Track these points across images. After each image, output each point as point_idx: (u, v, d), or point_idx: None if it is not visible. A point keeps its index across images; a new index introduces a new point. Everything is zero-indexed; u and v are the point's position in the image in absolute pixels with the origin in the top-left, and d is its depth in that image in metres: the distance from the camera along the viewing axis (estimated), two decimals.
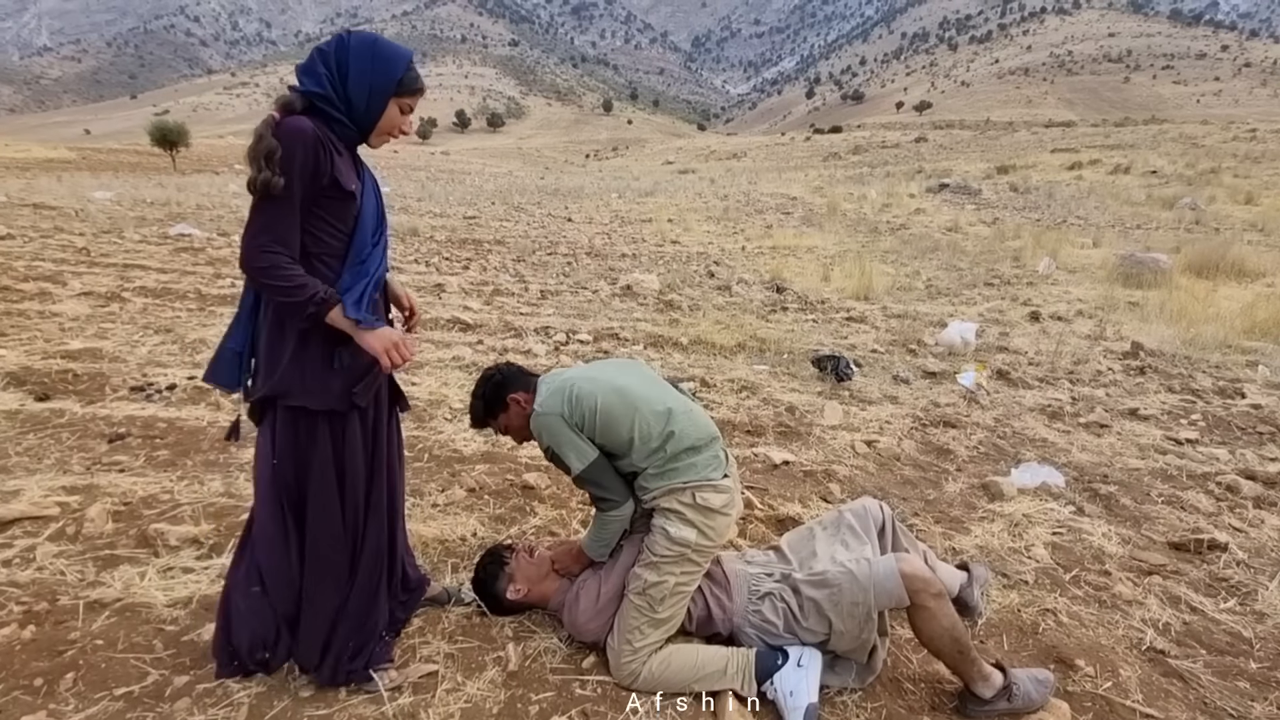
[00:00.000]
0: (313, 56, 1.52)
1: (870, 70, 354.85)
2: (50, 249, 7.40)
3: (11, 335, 4.28)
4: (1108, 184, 21.83)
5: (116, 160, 31.41)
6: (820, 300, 7.29)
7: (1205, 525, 2.95)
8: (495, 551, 2.07)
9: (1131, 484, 3.31)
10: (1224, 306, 6.79)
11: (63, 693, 1.62)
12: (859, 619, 1.73)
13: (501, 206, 17.05)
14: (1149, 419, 4.18)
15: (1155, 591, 2.44)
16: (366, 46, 1.52)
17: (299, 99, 1.49)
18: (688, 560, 1.80)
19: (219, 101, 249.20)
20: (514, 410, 1.94)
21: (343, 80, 1.50)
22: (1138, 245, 10.60)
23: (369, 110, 1.53)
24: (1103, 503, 3.13)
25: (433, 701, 1.68)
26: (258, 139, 1.44)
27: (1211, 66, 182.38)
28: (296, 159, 1.43)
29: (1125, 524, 2.94)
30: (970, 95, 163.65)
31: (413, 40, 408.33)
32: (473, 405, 1.99)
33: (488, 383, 1.97)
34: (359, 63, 1.50)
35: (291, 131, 1.44)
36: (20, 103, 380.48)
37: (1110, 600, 2.39)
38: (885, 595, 1.71)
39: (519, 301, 6.70)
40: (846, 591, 1.74)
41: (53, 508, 2.38)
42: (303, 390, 1.56)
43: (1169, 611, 2.33)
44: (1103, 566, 2.60)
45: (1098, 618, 2.28)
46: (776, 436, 3.72)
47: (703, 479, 1.82)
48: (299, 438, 1.60)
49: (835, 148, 55.78)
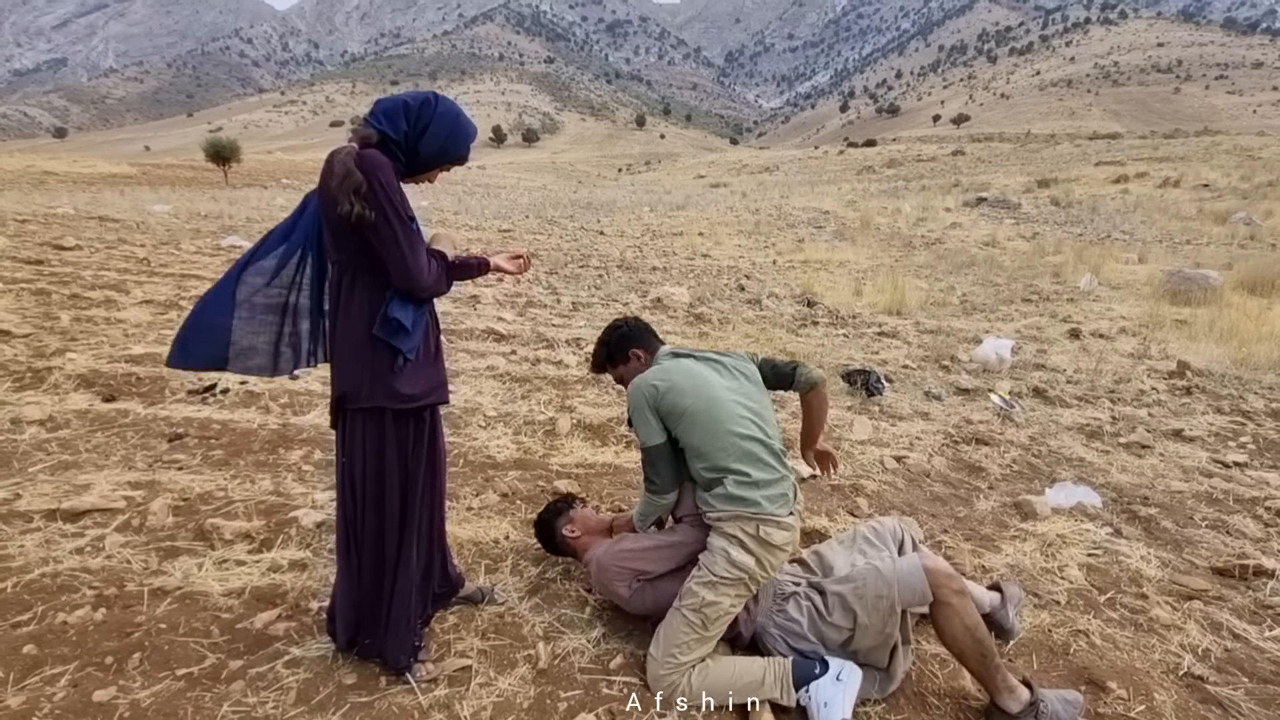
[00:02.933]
0: (399, 104, 1.66)
1: (906, 83, 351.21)
2: (114, 259, 7.83)
3: (81, 340, 4.56)
4: (1155, 198, 21.15)
5: (174, 175, 32.96)
6: (852, 315, 7.26)
7: (1252, 551, 2.85)
8: (567, 496, 2.36)
9: (1174, 507, 3.22)
10: (1279, 326, 6.54)
11: (130, 671, 1.75)
12: (883, 612, 1.76)
13: (535, 220, 17.37)
14: (1194, 440, 4.06)
15: (1195, 617, 2.38)
16: (450, 119, 1.70)
17: (374, 134, 1.63)
18: (744, 585, 1.84)
19: (269, 119, 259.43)
20: (633, 364, 2.10)
21: (419, 135, 1.66)
22: (1186, 261, 10.26)
23: (426, 165, 1.72)
24: (1142, 525, 3.06)
25: (466, 694, 1.75)
26: (346, 174, 1.56)
27: (1269, 76, 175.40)
28: (387, 186, 1.59)
29: (1165, 547, 2.87)
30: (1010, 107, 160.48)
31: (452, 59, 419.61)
32: (596, 350, 2.15)
33: (614, 331, 2.12)
34: (438, 129, 1.68)
35: (378, 163, 1.59)
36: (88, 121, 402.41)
37: (1147, 624, 2.34)
38: (909, 590, 1.74)
39: (551, 313, 6.84)
40: (871, 585, 1.79)
41: (119, 501, 2.55)
42: (381, 392, 1.68)
43: (1209, 637, 2.27)
44: (1140, 590, 2.54)
45: (1133, 641, 2.24)
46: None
47: (769, 514, 1.84)
48: (368, 435, 1.72)
49: (869, 161, 55.29)
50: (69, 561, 2.19)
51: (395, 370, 1.69)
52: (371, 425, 1.71)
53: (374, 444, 1.72)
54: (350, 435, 1.72)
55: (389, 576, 1.78)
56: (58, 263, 7.23)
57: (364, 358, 1.68)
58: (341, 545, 1.79)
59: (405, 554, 1.79)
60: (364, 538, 1.76)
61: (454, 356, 5.10)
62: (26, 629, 1.87)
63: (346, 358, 1.69)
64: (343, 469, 1.74)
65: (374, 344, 1.67)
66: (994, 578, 2.51)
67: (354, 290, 1.66)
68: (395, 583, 1.79)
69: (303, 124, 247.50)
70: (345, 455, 1.73)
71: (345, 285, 1.67)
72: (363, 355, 1.68)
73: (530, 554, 2.50)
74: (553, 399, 4.30)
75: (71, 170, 29.70)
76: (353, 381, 1.68)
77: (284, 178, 33.99)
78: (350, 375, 1.69)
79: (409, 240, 1.62)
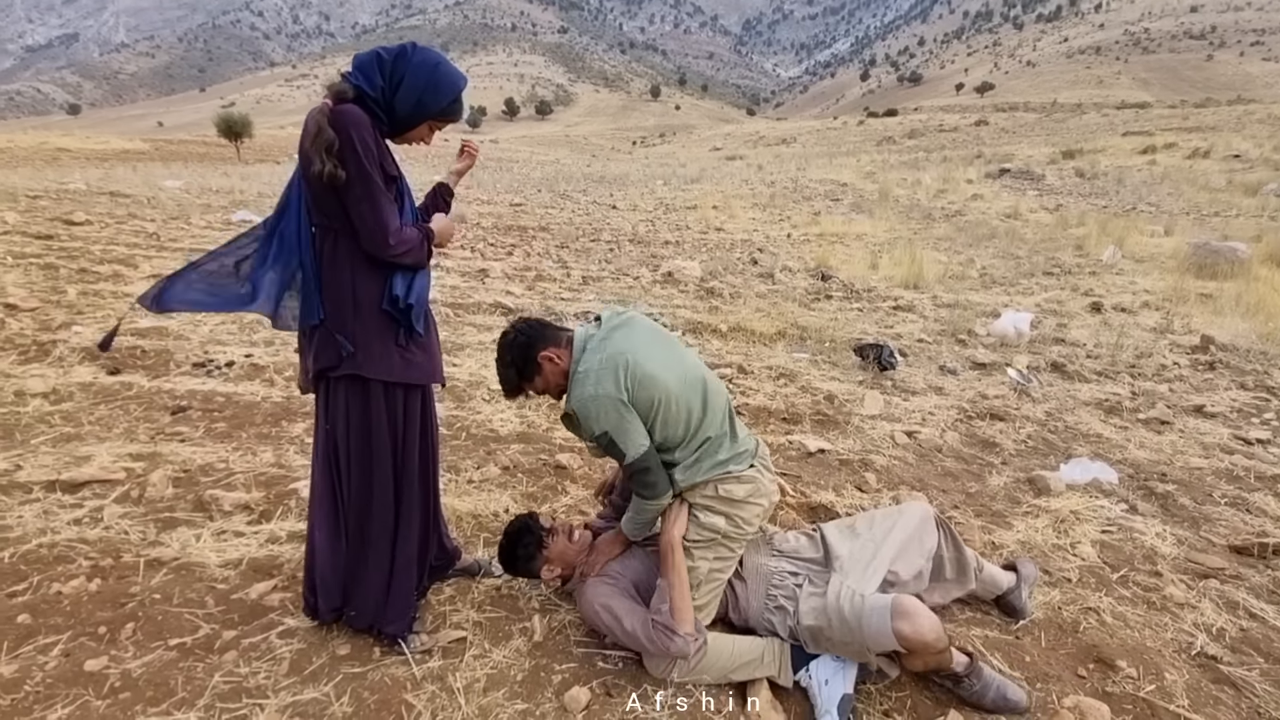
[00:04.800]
0: (373, 57, 1.56)
1: (929, 51, 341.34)
2: (124, 234, 7.85)
3: (88, 313, 4.58)
4: (1184, 169, 20.47)
5: (186, 151, 33.06)
6: (867, 288, 7.12)
7: (1272, 529, 2.76)
8: (535, 532, 1.94)
9: (1192, 484, 3.13)
10: None
11: (123, 640, 1.75)
12: (853, 649, 1.70)
13: (547, 194, 17.21)
14: (1216, 417, 3.94)
15: (1211, 595, 2.31)
16: (427, 67, 1.56)
17: (350, 88, 1.54)
18: (720, 545, 1.79)
19: (281, 93, 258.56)
20: (548, 369, 1.76)
21: (394, 89, 1.55)
22: (1214, 234, 9.94)
23: (407, 121, 1.60)
24: (1159, 502, 2.98)
25: (460, 666, 1.74)
26: (318, 131, 1.49)
27: None
28: (360, 143, 1.50)
29: (1182, 524, 2.79)
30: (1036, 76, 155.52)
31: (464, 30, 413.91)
32: (503, 376, 1.79)
33: (513, 346, 1.76)
34: (414, 80, 1.55)
35: (350, 119, 1.50)
36: (100, 97, 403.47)
37: (1160, 602, 2.27)
38: (875, 641, 1.65)
39: (560, 287, 6.77)
40: (838, 632, 1.69)
41: (119, 473, 2.55)
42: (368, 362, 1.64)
43: (1224, 616, 2.20)
44: (1154, 567, 2.47)
45: (1145, 619, 2.17)
46: (813, 425, 3.67)
47: (724, 472, 1.79)
48: (352, 404, 1.68)
49: (890, 132, 54.06)
50: (66, 532, 2.19)
51: (399, 344, 1.66)
52: (356, 393, 1.67)
53: (359, 413, 1.68)
54: (333, 403, 1.68)
55: (390, 548, 1.76)
56: (67, 238, 7.26)
57: (346, 325, 1.62)
58: (325, 515, 1.75)
59: (404, 526, 1.77)
60: (351, 508, 1.73)
61: (461, 330, 5.06)
62: (21, 599, 1.88)
63: (331, 325, 1.64)
64: (326, 436, 1.70)
65: (359, 312, 1.62)
66: (1008, 556, 2.44)
67: (336, 254, 1.61)
68: (396, 555, 1.76)
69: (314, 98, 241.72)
70: (329, 422, 1.69)
71: (328, 250, 1.62)
72: (345, 322, 1.62)
73: None
74: None
75: (84, 146, 29.86)
76: (335, 351, 1.63)
77: (295, 153, 33.96)
78: (332, 344, 1.64)
79: (376, 200, 1.53)
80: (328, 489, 1.74)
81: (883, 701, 1.75)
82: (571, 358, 1.75)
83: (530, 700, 1.65)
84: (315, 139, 1.48)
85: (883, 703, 1.75)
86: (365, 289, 1.62)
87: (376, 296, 1.63)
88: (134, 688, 1.58)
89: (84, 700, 1.55)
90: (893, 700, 1.76)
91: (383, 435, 1.70)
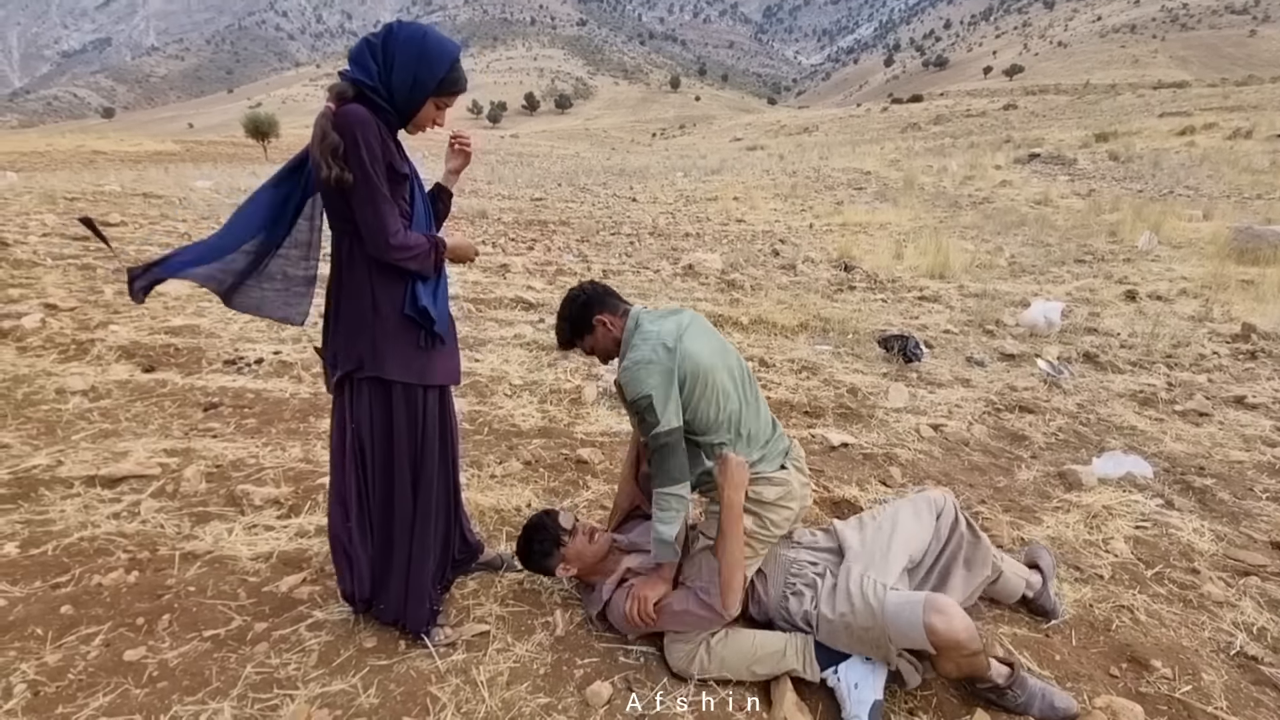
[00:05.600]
0: (362, 44, 1.54)
1: (955, 34, 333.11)
2: (158, 234, 8.05)
3: (124, 313, 4.71)
4: (1224, 150, 19.70)
5: (216, 151, 33.72)
6: (891, 279, 7.01)
7: None
8: (551, 530, 1.90)
9: (1232, 478, 3.03)
10: None
11: (160, 632, 1.81)
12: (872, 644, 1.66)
13: (568, 188, 17.23)
14: (1257, 408, 3.81)
15: (1251, 594, 2.24)
16: (415, 41, 1.52)
17: (350, 86, 1.53)
18: (746, 546, 1.77)
19: (306, 93, 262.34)
20: (600, 333, 1.87)
21: (389, 71, 1.52)
22: (1256, 217, 9.57)
23: (409, 103, 1.56)
24: (1196, 496, 2.89)
25: (484, 659, 1.76)
26: (322, 135, 1.48)
27: None
28: (364, 145, 1.48)
29: (1221, 520, 2.70)
30: (1068, 56, 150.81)
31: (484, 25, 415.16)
32: (559, 327, 1.92)
33: (574, 303, 1.88)
34: (404, 56, 1.51)
35: (353, 120, 1.48)
36: (132, 100, 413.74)
37: (1197, 600, 2.21)
38: (902, 636, 1.60)
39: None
40: (860, 619, 1.66)
41: (155, 468, 2.63)
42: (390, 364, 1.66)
43: (1265, 615, 2.13)
44: (1191, 564, 2.40)
45: (1181, 618, 2.12)
46: (836, 418, 3.63)
47: (756, 473, 1.79)
48: (378, 407, 1.70)
49: (915, 118, 52.99)
50: (106, 526, 2.27)
51: (417, 347, 1.68)
52: (379, 394, 1.69)
53: (382, 412, 1.70)
54: (357, 403, 1.70)
55: (408, 546, 1.78)
56: None
57: (367, 328, 1.64)
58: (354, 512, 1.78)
59: (422, 523, 1.79)
60: (375, 505, 1.76)
61: (482, 325, 5.10)
62: (64, 590, 1.95)
63: (352, 328, 1.66)
64: (351, 435, 1.73)
65: (379, 315, 1.64)
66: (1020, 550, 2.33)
67: (354, 257, 1.62)
68: (413, 551, 1.79)
69: None
70: (354, 422, 1.71)
71: (345, 253, 1.64)
72: (366, 326, 1.64)
73: None
74: (579, 367, 4.27)
75: (119, 149, 30.65)
76: (357, 354, 1.65)
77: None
78: (355, 347, 1.66)
79: (377, 203, 1.52)
80: (354, 486, 1.76)
81: (908, 700, 1.73)
82: (624, 328, 1.86)
83: (552, 694, 1.66)
84: (321, 144, 1.48)
85: (908, 701, 1.73)
86: (384, 292, 1.63)
87: (397, 299, 1.64)
88: (171, 677, 1.64)
89: (124, 689, 1.60)
90: (918, 699, 1.74)
91: (403, 435, 1.72)
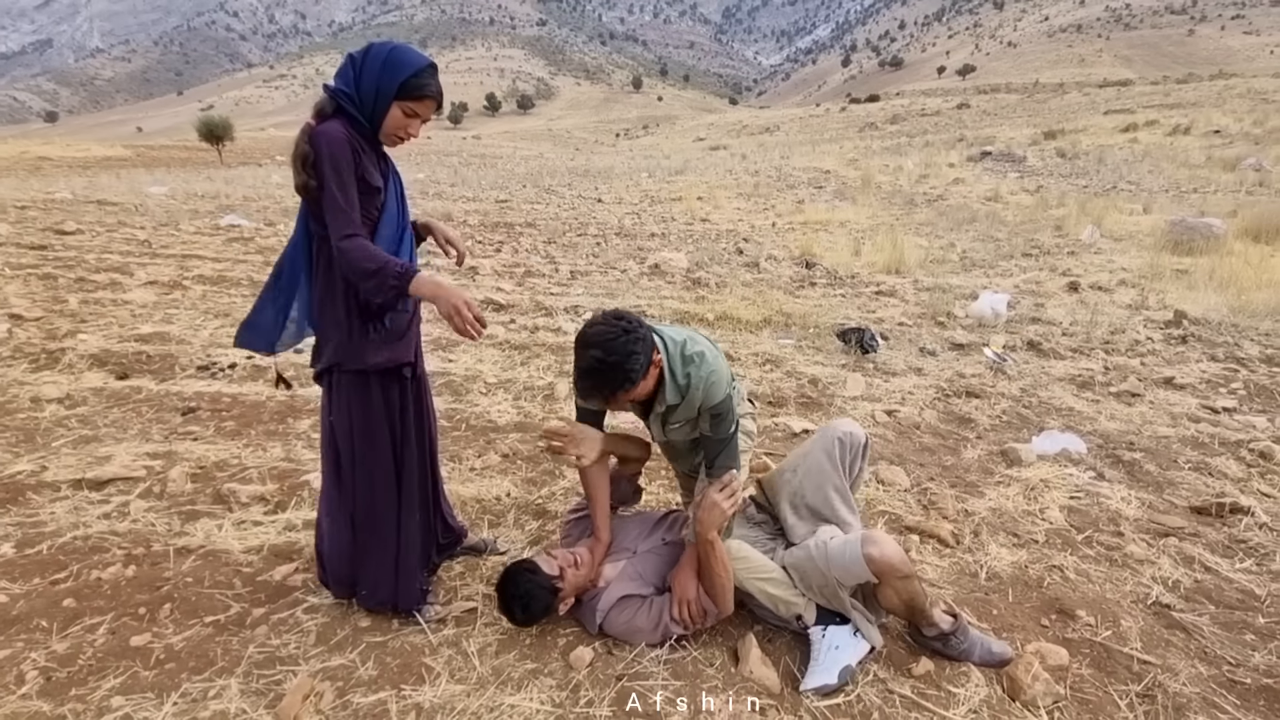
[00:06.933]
0: (345, 60, 1.70)
1: (910, 34, 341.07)
2: (116, 242, 7.90)
3: (91, 321, 4.67)
4: (1165, 146, 20.74)
5: (168, 156, 32.73)
6: (850, 275, 7.27)
7: (1232, 490, 2.92)
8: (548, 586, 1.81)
9: (1158, 451, 3.30)
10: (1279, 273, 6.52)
11: (162, 619, 1.90)
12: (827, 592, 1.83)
13: (532, 189, 17.25)
14: (1185, 388, 4.11)
15: (1169, 552, 2.47)
16: (384, 52, 1.66)
17: (329, 102, 1.68)
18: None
19: (259, 95, 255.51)
20: (652, 374, 1.74)
21: (359, 78, 1.66)
22: (1191, 210, 10.14)
23: (375, 110, 1.67)
24: (1125, 469, 3.13)
25: (473, 633, 1.90)
26: (296, 146, 1.65)
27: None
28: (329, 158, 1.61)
29: (1147, 489, 2.95)
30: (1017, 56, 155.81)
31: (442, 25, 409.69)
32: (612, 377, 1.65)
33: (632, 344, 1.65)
34: (372, 65, 1.65)
35: (325, 136, 1.62)
36: (78, 104, 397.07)
37: (1121, 559, 2.43)
38: (848, 575, 1.78)
39: (550, 282, 6.89)
40: (812, 574, 1.83)
41: (140, 470, 2.69)
42: (351, 356, 1.77)
43: (1181, 570, 2.36)
44: (1117, 528, 2.63)
45: (1106, 575, 2.34)
46: (798, 407, 3.83)
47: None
48: (353, 398, 1.82)
49: (872, 117, 54.21)
50: (98, 525, 2.33)
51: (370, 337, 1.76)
52: (357, 386, 1.80)
53: (360, 404, 1.81)
54: (337, 396, 1.82)
55: (395, 532, 1.89)
56: (60, 247, 7.32)
57: (343, 327, 1.76)
58: (330, 502, 1.90)
59: (407, 508, 1.90)
60: (357, 494, 1.87)
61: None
62: (65, 585, 2.02)
63: (330, 327, 1.78)
64: (330, 428, 1.84)
65: (349, 313, 1.75)
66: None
67: (330, 261, 1.73)
68: (401, 536, 1.90)
69: (294, 99, 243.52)
70: (333, 414, 1.83)
71: (323, 257, 1.75)
72: (341, 324, 1.76)
73: (530, 509, 2.63)
74: (551, 364, 4.40)
75: (65, 154, 29.54)
76: (336, 350, 1.77)
77: (278, 155, 33.66)
78: (333, 344, 1.78)
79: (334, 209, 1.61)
80: (333, 477, 1.88)
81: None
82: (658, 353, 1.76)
83: (539, 660, 1.80)
84: (295, 152, 1.64)
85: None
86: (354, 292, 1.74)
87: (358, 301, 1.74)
88: (177, 659, 1.73)
89: (133, 671, 1.69)
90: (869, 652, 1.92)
91: (381, 424, 1.83)
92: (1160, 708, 1.73)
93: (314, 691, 1.62)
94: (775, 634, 1.96)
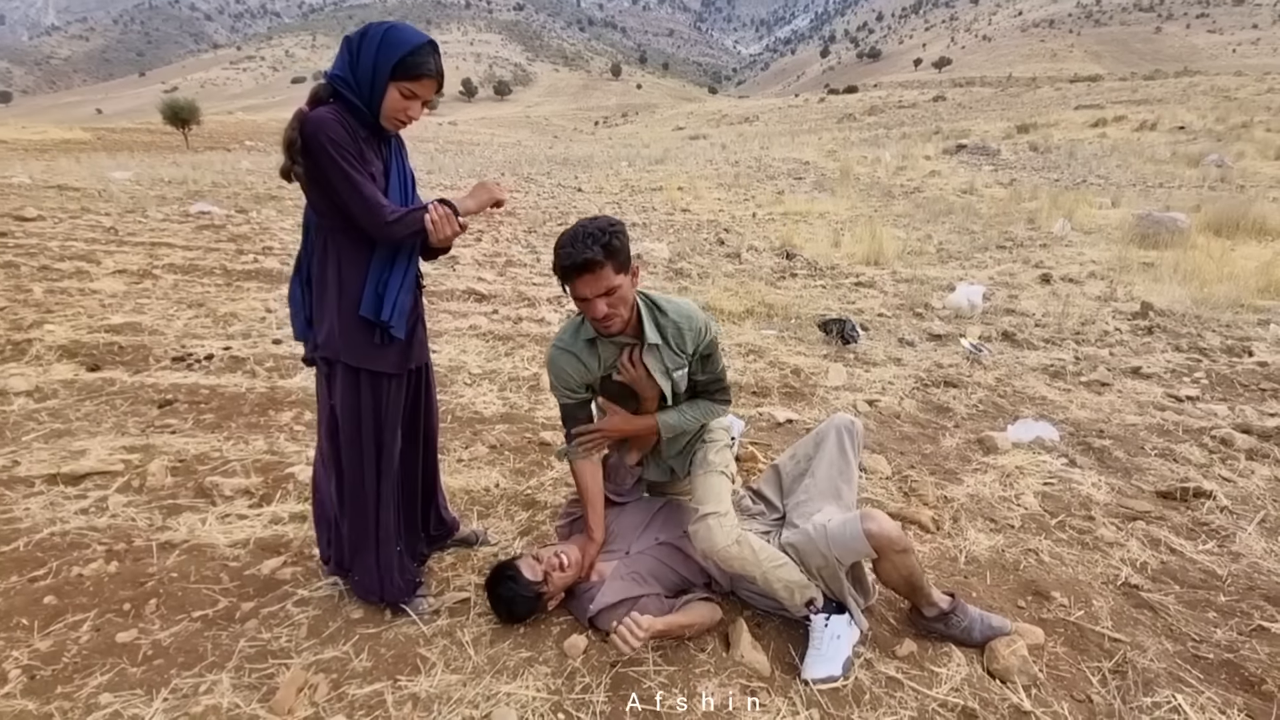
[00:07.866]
0: (342, 43, 1.66)
1: (888, 26, 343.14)
2: (80, 229, 7.64)
3: (58, 312, 4.53)
4: (1132, 141, 21.24)
5: (131, 140, 31.64)
6: (830, 266, 7.35)
7: (1195, 475, 3.03)
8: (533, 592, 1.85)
9: (1126, 438, 3.41)
10: (1240, 266, 6.73)
11: (148, 615, 1.87)
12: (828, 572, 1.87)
13: (511, 177, 17.07)
14: (1151, 377, 4.25)
15: (1137, 535, 2.57)
16: (381, 31, 1.62)
17: (325, 88, 1.64)
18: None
19: (226, 77, 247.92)
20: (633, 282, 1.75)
21: (355, 60, 1.62)
22: (1157, 204, 10.41)
23: (372, 91, 1.63)
24: (1095, 455, 3.24)
25: (467, 623, 1.91)
26: (286, 131, 1.62)
27: (1250, 13, 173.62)
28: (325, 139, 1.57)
29: (1116, 475, 3.06)
30: (992, 50, 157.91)
31: (416, 7, 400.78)
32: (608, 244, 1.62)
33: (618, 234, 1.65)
34: (368, 46, 1.60)
35: (315, 120, 1.58)
36: (32, 84, 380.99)
37: (1092, 542, 2.53)
38: (849, 552, 1.82)
39: (531, 272, 6.85)
40: (812, 555, 1.86)
41: (117, 464, 2.63)
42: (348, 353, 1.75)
43: (1148, 552, 2.46)
44: (1088, 513, 2.73)
45: (1078, 557, 2.43)
46: (781, 397, 3.88)
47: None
48: (348, 388, 1.80)
49: (850, 109, 54.56)
50: (75, 521, 2.28)
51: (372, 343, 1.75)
52: (349, 376, 1.79)
53: (350, 393, 1.79)
54: (332, 383, 1.80)
55: (372, 520, 1.88)
56: (21, 234, 7.06)
57: (339, 320, 1.74)
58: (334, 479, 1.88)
59: (384, 499, 1.88)
60: (345, 479, 1.86)
61: (436, 317, 5.14)
62: (44, 582, 1.98)
63: (328, 318, 1.75)
64: (329, 411, 1.83)
65: (343, 309, 1.72)
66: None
67: (328, 252, 1.72)
68: (379, 528, 1.88)
69: (263, 81, 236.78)
70: (332, 399, 1.82)
71: (320, 248, 1.73)
72: (335, 317, 1.74)
73: (520, 500, 2.64)
74: (536, 355, 4.39)
75: (21, 137, 28.41)
76: (332, 343, 1.75)
77: (247, 139, 32.80)
78: (330, 337, 1.75)
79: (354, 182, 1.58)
80: (333, 459, 1.86)
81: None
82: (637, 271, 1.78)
83: (534, 649, 1.82)
84: (284, 141, 1.61)
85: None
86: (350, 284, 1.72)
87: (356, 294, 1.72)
88: (165, 655, 1.71)
89: (120, 668, 1.67)
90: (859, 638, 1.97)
91: (368, 418, 1.81)
92: (1130, 683, 1.81)
93: (308, 684, 1.62)
94: (764, 619, 2.01)
